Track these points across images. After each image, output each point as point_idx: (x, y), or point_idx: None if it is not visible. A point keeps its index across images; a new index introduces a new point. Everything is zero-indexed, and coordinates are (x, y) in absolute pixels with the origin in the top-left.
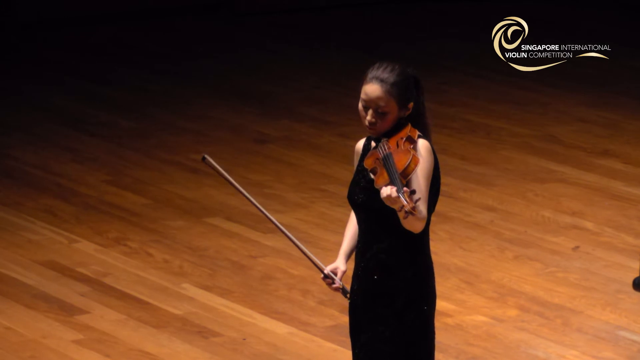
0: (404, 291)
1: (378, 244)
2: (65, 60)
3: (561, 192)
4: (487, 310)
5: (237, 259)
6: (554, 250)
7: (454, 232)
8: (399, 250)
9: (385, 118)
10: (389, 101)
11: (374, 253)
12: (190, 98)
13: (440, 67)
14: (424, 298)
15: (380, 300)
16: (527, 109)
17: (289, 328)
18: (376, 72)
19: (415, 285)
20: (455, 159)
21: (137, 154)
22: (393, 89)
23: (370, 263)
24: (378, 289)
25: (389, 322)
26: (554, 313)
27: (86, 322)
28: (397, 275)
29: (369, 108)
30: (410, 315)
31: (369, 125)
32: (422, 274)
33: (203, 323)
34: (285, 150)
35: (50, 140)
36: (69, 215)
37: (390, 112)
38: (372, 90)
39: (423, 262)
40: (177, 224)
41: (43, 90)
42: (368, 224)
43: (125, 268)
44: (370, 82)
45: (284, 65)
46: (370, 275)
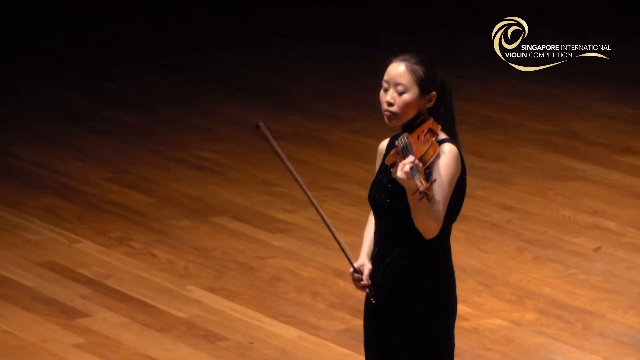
0: (424, 300)
1: (399, 248)
2: (68, 54)
3: (582, 191)
4: (504, 313)
5: (244, 260)
6: (575, 251)
7: (471, 232)
8: (421, 256)
9: (404, 98)
10: (411, 80)
11: (394, 258)
12: (197, 93)
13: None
14: (444, 308)
15: (398, 309)
16: (546, 104)
17: (298, 332)
18: (401, 56)
19: (436, 294)
20: (472, 157)
21: (142, 151)
22: (416, 67)
23: (390, 269)
24: (397, 297)
25: (408, 332)
26: (574, 316)
27: (87, 326)
28: (418, 282)
29: (388, 89)
30: (430, 325)
31: (387, 108)
32: (444, 282)
33: (209, 327)
34: (295, 147)
35: (51, 137)
36: (71, 214)
37: (409, 91)
38: (394, 68)
39: (445, 270)
40: (183, 223)
41: (44, 85)
42: (389, 227)
43: (129, 269)
44: (393, 62)
45: (294, 59)
46: (389, 281)
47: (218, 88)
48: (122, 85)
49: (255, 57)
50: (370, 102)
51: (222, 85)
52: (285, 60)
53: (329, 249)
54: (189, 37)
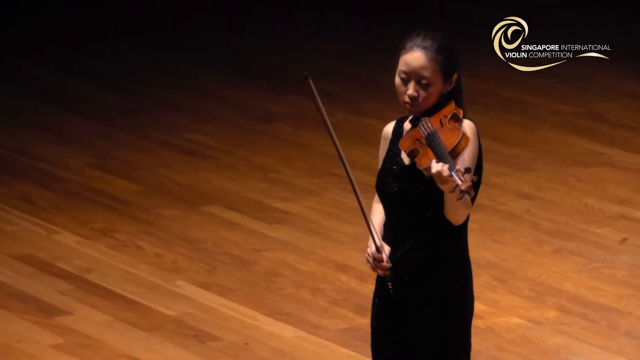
0: (439, 296)
1: (410, 240)
2: (45, 28)
3: (607, 178)
4: (522, 311)
5: (238, 253)
6: (599, 243)
7: (486, 223)
8: (435, 248)
9: (429, 91)
10: (434, 71)
11: (405, 251)
12: (187, 71)
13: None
14: (461, 304)
15: (411, 306)
16: (568, 83)
17: (297, 331)
18: (417, 41)
19: (452, 289)
20: (487, 140)
21: (126, 134)
22: (438, 56)
23: (401, 262)
24: (409, 293)
25: (421, 331)
26: (598, 314)
27: (67, 325)
28: (432, 277)
29: (409, 81)
30: (446, 323)
31: (410, 102)
32: (461, 276)
33: (200, 326)
34: (293, 130)
35: (27, 119)
36: (49, 203)
37: (434, 83)
38: (414, 58)
39: (461, 263)
40: (171, 213)
41: (20, 62)
42: (400, 218)
43: (112, 263)
44: (411, 50)
45: (294, 34)
46: (400, 276)
47: (210, 65)
48: (105, 61)
49: (251, 32)
50: (376, 81)
51: (214, 62)
52: (284, 35)
53: (331, 241)
54: (179, 11)
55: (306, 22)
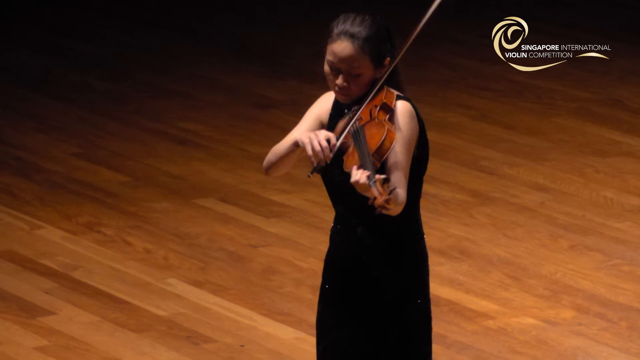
0: (396, 284)
1: (362, 226)
2: (25, 6)
3: (627, 168)
4: (536, 311)
5: (233, 249)
6: (619, 238)
7: (497, 217)
8: (388, 232)
9: (359, 81)
10: (363, 60)
11: (357, 237)
12: (178, 54)
13: (480, 17)
14: (419, 288)
15: (366, 292)
16: (585, 67)
17: (296, 332)
18: (344, 26)
19: (409, 276)
20: (498, 128)
21: (113, 121)
22: (366, 44)
23: (355, 250)
24: (364, 281)
25: (378, 317)
26: (618, 315)
27: (51, 325)
28: (388, 263)
29: (339, 71)
30: (405, 309)
31: (339, 91)
32: (417, 259)
33: (193, 326)
34: (292, 117)
35: (6, 105)
36: (31, 195)
37: (364, 73)
38: (341, 48)
39: (416, 245)
40: (162, 206)
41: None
42: (348, 204)
43: (99, 260)
44: (338, 39)
45: (292, 15)
46: (353, 262)
47: (203, 48)
48: (90, 43)
49: (245, 12)
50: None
51: (206, 44)
52: (281, 15)
53: None
54: None
55: (305, 2)
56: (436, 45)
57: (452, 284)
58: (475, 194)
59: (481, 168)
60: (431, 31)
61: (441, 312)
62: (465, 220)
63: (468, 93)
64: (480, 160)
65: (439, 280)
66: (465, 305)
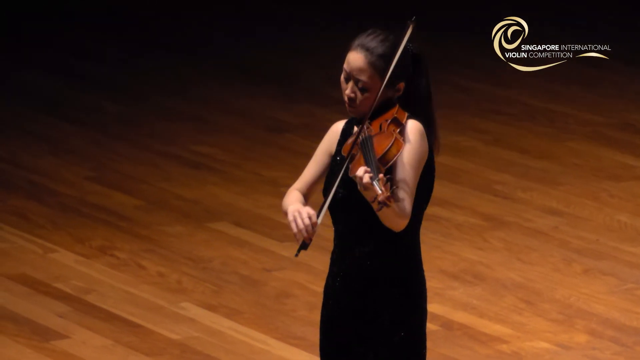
0: (392, 305)
1: (361, 247)
2: (40, 30)
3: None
4: (550, 335)
5: (247, 273)
6: (633, 262)
7: (511, 241)
8: (386, 255)
9: (365, 95)
10: (372, 76)
11: (355, 259)
12: (191, 77)
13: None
14: (415, 312)
15: (362, 316)
16: (599, 91)
17: (310, 356)
18: (364, 40)
19: (405, 298)
20: (511, 152)
21: (127, 144)
22: (379, 61)
23: (352, 270)
24: (361, 303)
25: (373, 342)
26: (632, 339)
27: (64, 349)
28: (384, 285)
29: (349, 79)
30: (400, 334)
31: (347, 101)
32: (414, 284)
33: (206, 350)
34: (306, 141)
35: (20, 128)
36: (44, 219)
37: (372, 88)
38: (355, 58)
39: (414, 271)
40: (175, 230)
41: (12, 67)
42: (347, 224)
43: (112, 283)
44: (355, 49)
45: (305, 38)
46: (350, 285)
47: (216, 71)
48: (104, 66)
49: (259, 35)
50: None
51: (220, 67)
52: (295, 39)
53: None
54: (182, 13)
55: (318, 23)
56: (450, 69)
57: (466, 308)
58: (489, 218)
59: (495, 192)
60: (444, 54)
61: (455, 336)
62: (479, 245)
63: (481, 117)
64: (493, 184)
65: (452, 304)
66: (479, 329)
